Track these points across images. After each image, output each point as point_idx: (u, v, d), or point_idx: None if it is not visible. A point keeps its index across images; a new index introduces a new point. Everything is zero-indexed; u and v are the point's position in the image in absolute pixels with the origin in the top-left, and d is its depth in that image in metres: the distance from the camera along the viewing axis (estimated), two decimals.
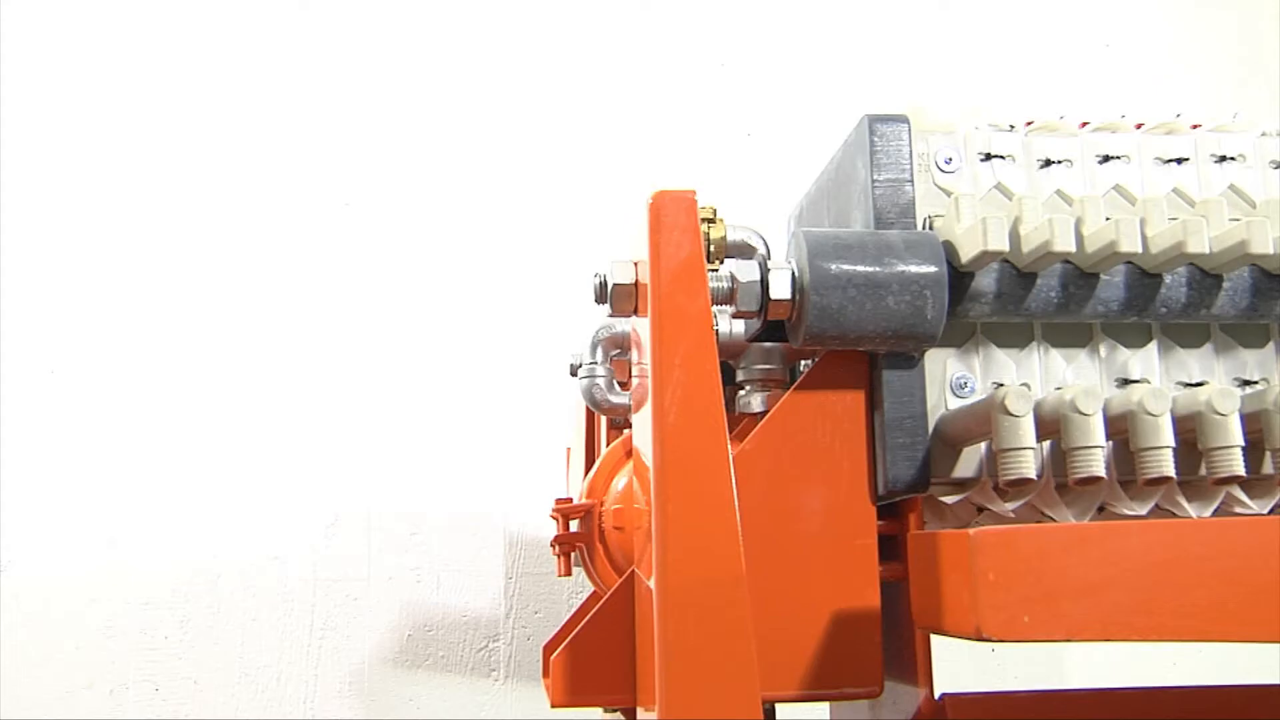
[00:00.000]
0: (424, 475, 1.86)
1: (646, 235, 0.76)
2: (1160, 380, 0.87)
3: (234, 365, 1.85)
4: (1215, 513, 0.86)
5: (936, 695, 0.88)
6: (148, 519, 1.77)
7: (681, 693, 0.71)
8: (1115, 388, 0.87)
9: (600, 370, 0.96)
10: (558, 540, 0.90)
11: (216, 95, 1.96)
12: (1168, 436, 0.76)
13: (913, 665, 0.90)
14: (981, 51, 2.41)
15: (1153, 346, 0.88)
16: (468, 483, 1.88)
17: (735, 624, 0.72)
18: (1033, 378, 0.86)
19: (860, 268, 0.80)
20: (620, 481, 0.91)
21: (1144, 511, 0.85)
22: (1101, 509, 0.88)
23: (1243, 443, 0.77)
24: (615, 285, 0.82)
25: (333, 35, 2.02)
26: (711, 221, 0.98)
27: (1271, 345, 0.89)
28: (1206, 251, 0.80)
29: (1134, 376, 0.87)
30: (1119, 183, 0.90)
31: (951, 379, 0.86)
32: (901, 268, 0.80)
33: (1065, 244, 0.79)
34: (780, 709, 1.06)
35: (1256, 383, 0.88)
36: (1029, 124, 0.91)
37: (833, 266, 0.80)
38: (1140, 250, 0.80)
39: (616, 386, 0.97)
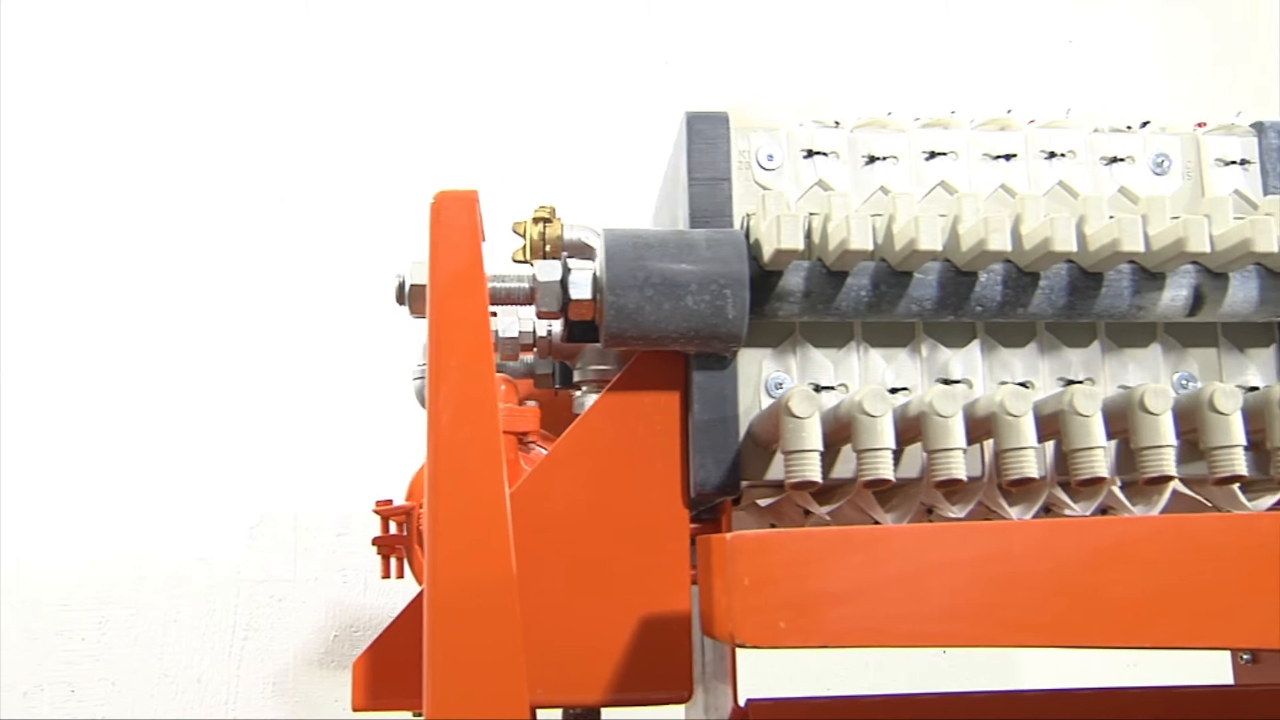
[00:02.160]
0: (351, 475, 1.86)
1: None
2: (983, 380, 0.86)
3: (158, 365, 1.85)
4: (1037, 514, 0.84)
5: (741, 701, 0.87)
6: (68, 519, 1.77)
7: (448, 694, 0.70)
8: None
9: None
10: (376, 542, 0.89)
11: (132, 95, 1.96)
12: (959, 439, 0.75)
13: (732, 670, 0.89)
14: (946, 48, 2.39)
15: (975, 346, 0.86)
16: (396, 483, 1.88)
17: (504, 627, 0.71)
18: (851, 378, 0.85)
19: (658, 267, 0.79)
20: None
21: (962, 515, 0.84)
22: (930, 511, 0.87)
23: (1035, 443, 0.75)
24: (412, 286, 0.81)
25: (269, 31, 2.03)
26: (548, 221, 0.97)
27: (1097, 344, 0.87)
28: (1008, 249, 0.78)
29: (955, 376, 0.85)
30: (945, 179, 0.88)
31: (767, 380, 0.85)
32: (701, 267, 0.79)
33: (863, 242, 0.77)
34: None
35: (1082, 382, 0.86)
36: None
37: (630, 266, 0.79)
38: (940, 248, 0.78)
39: None
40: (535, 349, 0.96)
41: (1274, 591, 0.69)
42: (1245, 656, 1.11)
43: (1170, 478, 0.76)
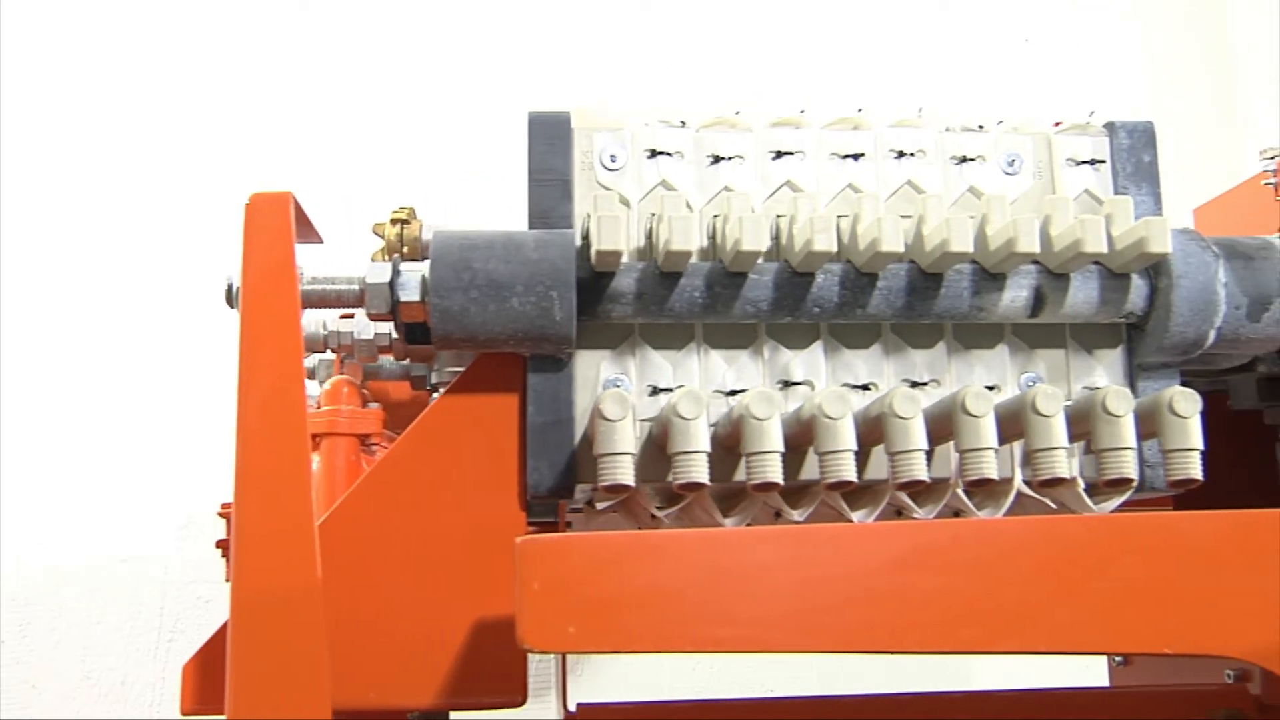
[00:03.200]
0: None
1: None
2: (825, 382, 0.85)
3: (81, 363, 1.84)
4: (879, 516, 0.84)
5: (571, 706, 0.86)
6: None
7: (248, 696, 0.70)
8: (778, 389, 0.85)
9: None
10: (220, 544, 0.88)
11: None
12: (775, 441, 0.74)
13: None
14: (907, 47, 2.37)
15: (817, 347, 0.85)
16: None
17: (306, 630, 0.71)
18: (691, 379, 0.84)
19: (484, 268, 0.79)
20: None
21: (802, 518, 0.83)
22: (778, 514, 0.86)
23: (854, 447, 0.75)
24: (239, 289, 0.80)
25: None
26: (406, 222, 0.96)
27: (942, 345, 0.86)
28: (834, 249, 0.78)
29: (796, 378, 0.85)
30: (790, 179, 0.87)
31: (605, 382, 0.84)
32: (528, 268, 0.79)
33: (685, 243, 0.77)
34: None
35: (926, 384, 0.86)
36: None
37: (455, 267, 0.78)
38: (764, 248, 0.77)
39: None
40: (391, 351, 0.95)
41: (1077, 594, 0.68)
42: (1119, 659, 1.11)
43: (990, 480, 0.75)
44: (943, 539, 0.69)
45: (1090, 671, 1.10)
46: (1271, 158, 1.02)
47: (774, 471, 0.74)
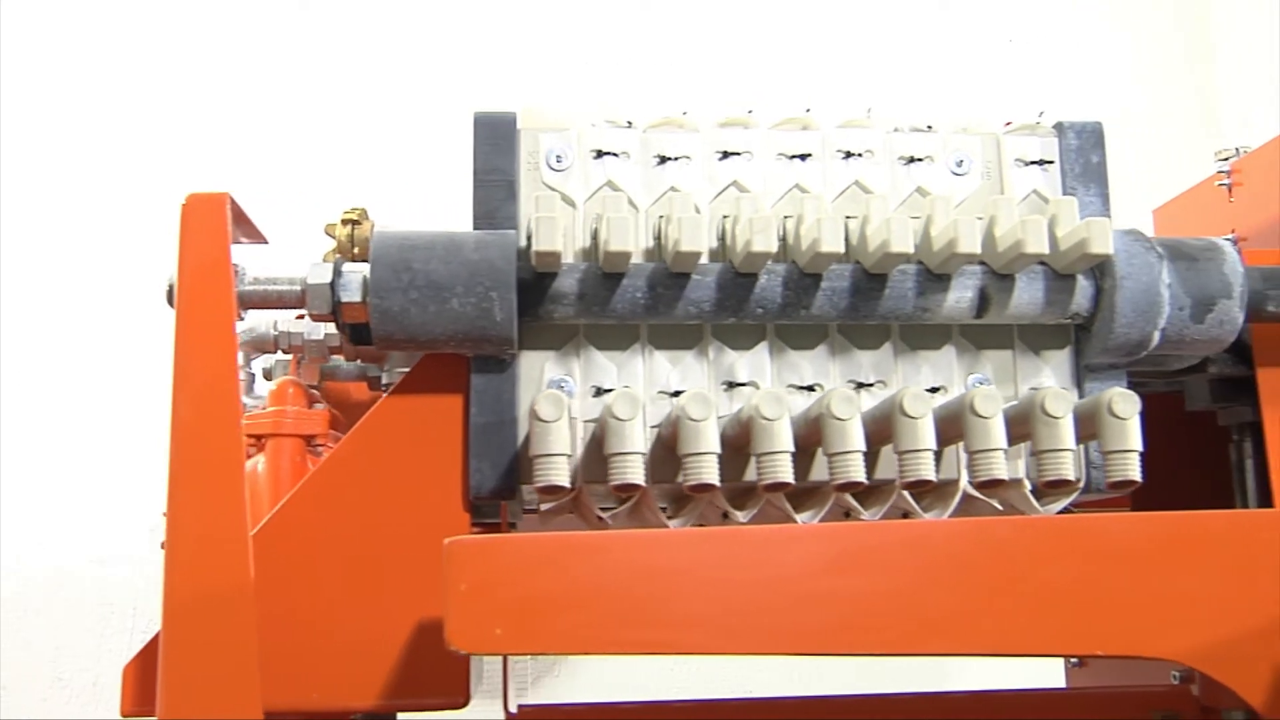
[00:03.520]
0: None
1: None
2: (770, 383, 0.85)
3: (55, 366, 1.84)
4: (825, 517, 0.84)
5: (512, 707, 0.86)
6: None
7: (179, 696, 0.70)
8: (723, 391, 0.84)
9: (239, 373, 0.94)
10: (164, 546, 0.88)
11: None
12: (712, 443, 0.74)
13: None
14: (891, 49, 2.37)
15: (762, 348, 0.85)
16: None
17: (238, 632, 0.70)
18: (635, 380, 0.84)
19: (423, 269, 0.78)
20: None
21: (746, 519, 0.83)
22: (725, 515, 0.86)
23: (790, 448, 0.75)
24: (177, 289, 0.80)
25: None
26: (357, 223, 0.96)
27: (889, 346, 0.86)
28: (773, 249, 0.78)
29: (741, 379, 0.84)
30: (737, 179, 0.87)
31: (548, 382, 0.84)
32: (468, 269, 0.79)
33: (622, 243, 0.77)
34: None
35: (873, 385, 0.85)
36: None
37: (395, 268, 0.78)
38: (703, 249, 0.77)
39: (254, 389, 0.95)
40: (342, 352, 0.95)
41: (1008, 596, 0.68)
42: (1074, 660, 1.10)
43: (928, 481, 0.75)
44: (873, 541, 0.69)
45: (1048, 672, 1.10)
46: (1226, 159, 1.02)
47: (710, 473, 0.74)
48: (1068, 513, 0.89)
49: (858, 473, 0.74)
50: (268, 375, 1.10)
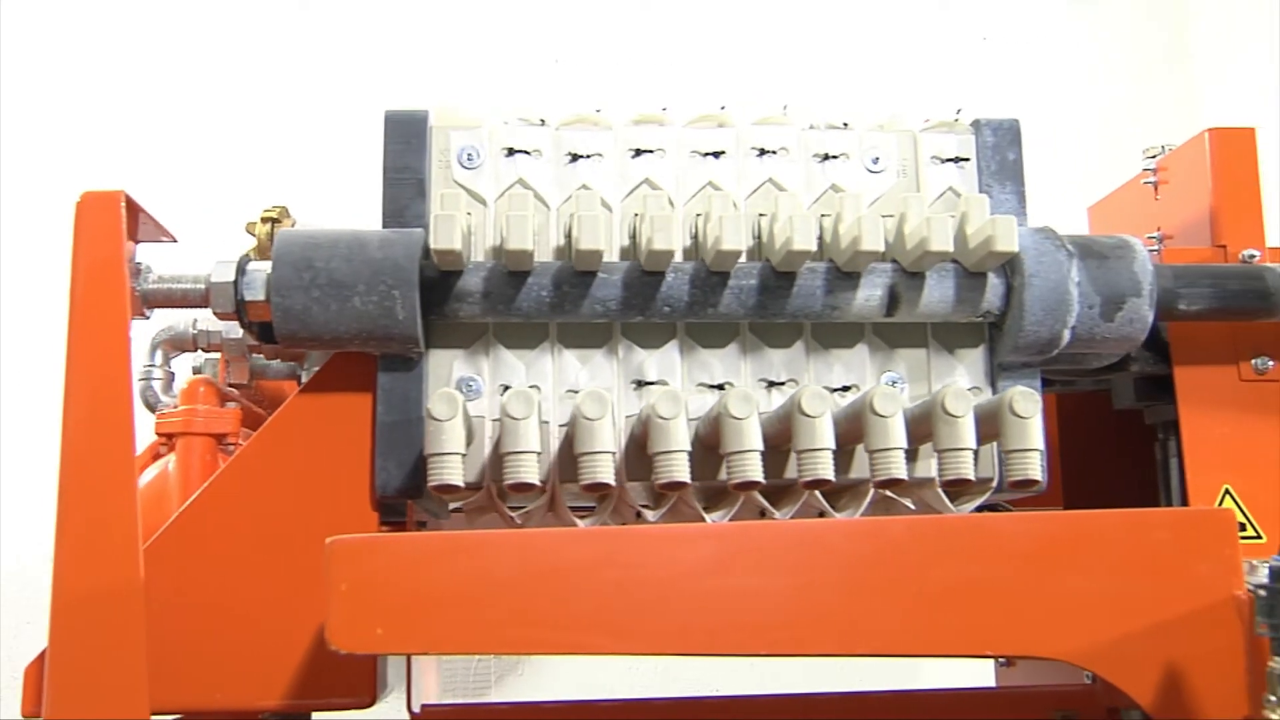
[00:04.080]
0: None
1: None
2: (681, 381, 0.84)
3: (33, 367, 1.83)
4: (733, 517, 0.83)
5: (415, 707, 0.86)
6: None
7: (66, 696, 0.69)
8: (633, 390, 0.84)
9: (156, 372, 0.94)
10: None
11: None
12: (606, 442, 0.74)
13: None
14: (864, 47, 2.36)
15: (672, 346, 0.85)
16: None
17: (126, 632, 0.70)
18: (544, 380, 0.84)
19: (326, 267, 0.78)
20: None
21: (655, 518, 0.83)
22: (639, 515, 0.86)
23: (686, 448, 0.74)
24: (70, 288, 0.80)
25: None
26: (278, 221, 0.96)
27: (800, 344, 0.85)
28: (672, 248, 0.77)
29: (650, 378, 0.84)
30: (650, 176, 0.87)
31: (457, 381, 0.83)
32: (371, 268, 0.78)
33: (521, 242, 0.76)
34: None
35: (784, 383, 0.85)
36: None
37: (297, 267, 0.78)
38: (601, 247, 0.77)
39: (173, 388, 0.95)
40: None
41: (898, 596, 0.68)
42: (1002, 660, 1.10)
43: (826, 481, 0.74)
44: (762, 541, 0.68)
45: (981, 673, 1.10)
46: (1153, 156, 1.01)
47: (605, 473, 0.74)
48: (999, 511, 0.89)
49: (755, 472, 0.74)
50: (198, 373, 1.09)
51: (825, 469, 0.74)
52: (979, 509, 0.99)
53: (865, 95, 2.35)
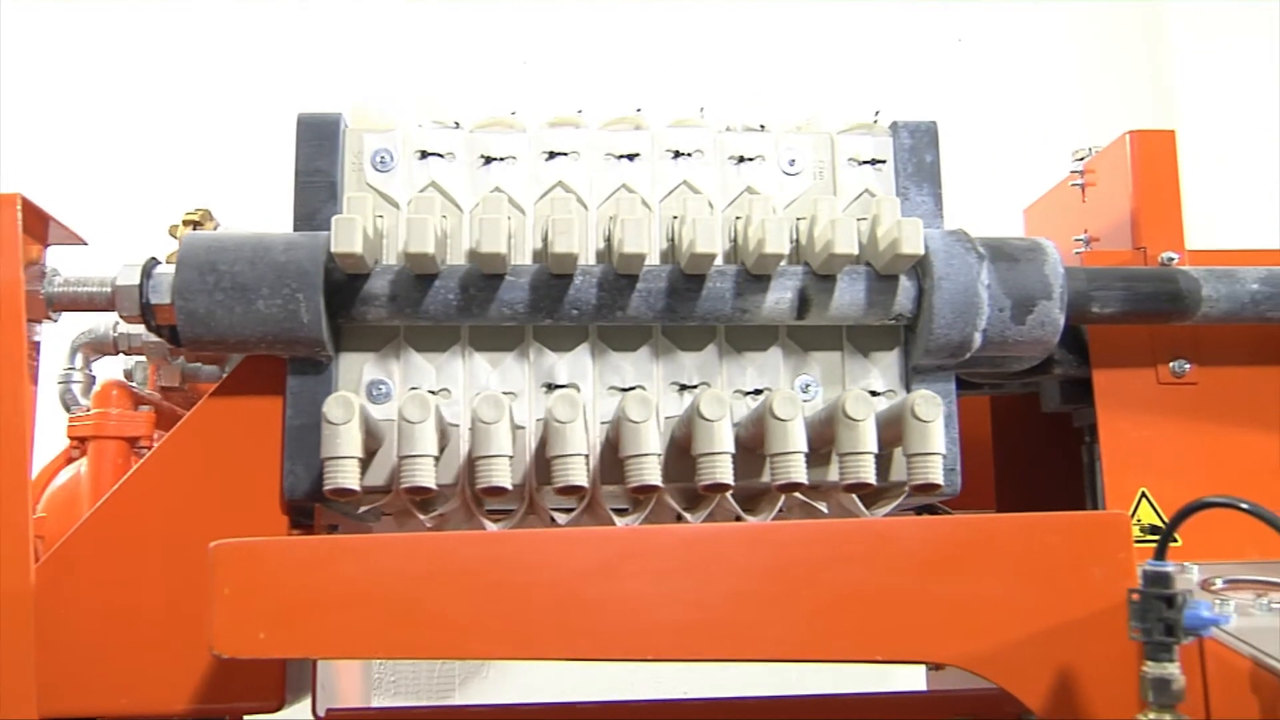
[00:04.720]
0: None
1: None
2: (593, 385, 0.84)
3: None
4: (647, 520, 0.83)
5: (321, 711, 0.86)
6: None
7: None
8: (545, 393, 0.84)
9: (76, 375, 0.94)
10: None
11: None
12: (504, 446, 0.74)
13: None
14: (839, 49, 2.35)
15: (583, 350, 0.84)
16: None
17: (15, 636, 0.70)
18: (455, 383, 0.84)
19: (230, 270, 0.78)
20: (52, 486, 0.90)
21: (565, 521, 0.82)
22: (552, 520, 0.86)
23: (583, 451, 0.74)
24: None
25: None
26: (200, 224, 0.96)
27: (713, 347, 0.85)
28: (574, 251, 0.77)
29: (561, 381, 0.84)
30: (563, 179, 0.87)
31: (367, 385, 0.83)
32: (275, 271, 0.78)
33: (422, 245, 0.76)
34: None
35: (695, 387, 0.85)
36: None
37: (201, 270, 0.78)
38: (503, 250, 0.77)
39: (90, 392, 0.95)
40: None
41: (790, 601, 0.67)
42: (932, 666, 1.10)
43: (725, 485, 0.74)
44: (653, 545, 0.68)
45: (911, 677, 1.09)
46: (1081, 158, 1.01)
47: (501, 477, 0.73)
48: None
49: (653, 476, 0.74)
50: (129, 376, 1.09)
51: (724, 473, 0.74)
52: (915, 512, 1.00)
53: (839, 99, 2.35)
